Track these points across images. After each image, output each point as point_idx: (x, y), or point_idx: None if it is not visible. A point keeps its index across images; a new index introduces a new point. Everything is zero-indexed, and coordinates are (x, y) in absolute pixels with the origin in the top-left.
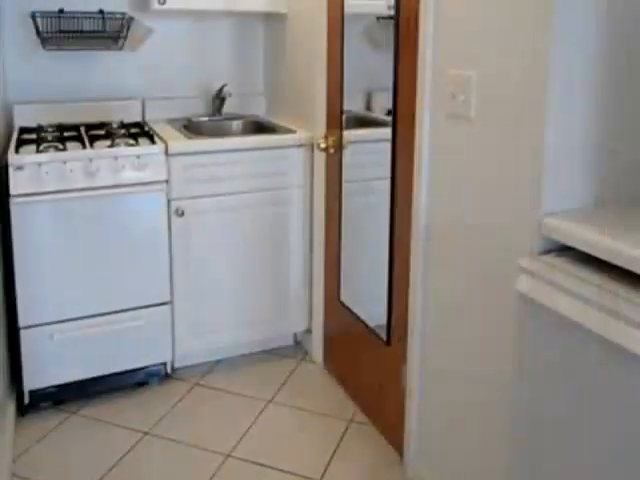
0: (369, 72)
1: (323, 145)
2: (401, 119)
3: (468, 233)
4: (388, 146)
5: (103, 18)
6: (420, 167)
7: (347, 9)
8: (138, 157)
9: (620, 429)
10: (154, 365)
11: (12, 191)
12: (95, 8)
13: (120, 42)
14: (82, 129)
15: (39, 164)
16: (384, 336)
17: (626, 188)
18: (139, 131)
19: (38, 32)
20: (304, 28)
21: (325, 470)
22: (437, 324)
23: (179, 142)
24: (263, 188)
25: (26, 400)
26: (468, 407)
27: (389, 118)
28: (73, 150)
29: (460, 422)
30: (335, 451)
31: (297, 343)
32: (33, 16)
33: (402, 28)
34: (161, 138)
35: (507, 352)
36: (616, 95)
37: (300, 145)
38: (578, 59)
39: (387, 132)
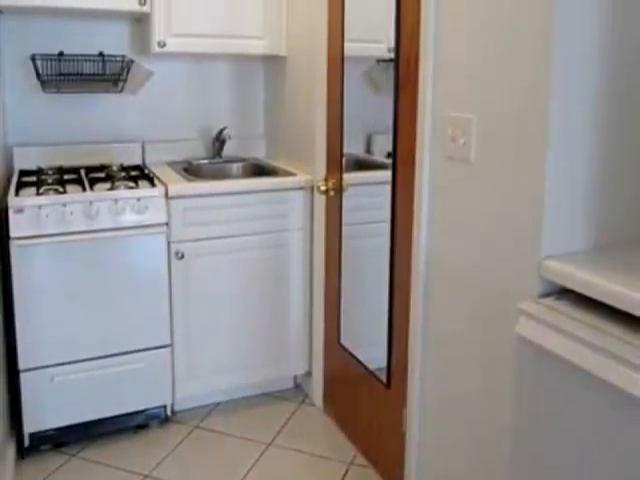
0: (369, 114)
1: (323, 188)
2: (401, 162)
3: (468, 275)
4: (388, 189)
5: (103, 61)
6: (420, 209)
7: (347, 52)
8: (138, 200)
9: (621, 471)
10: (154, 408)
11: (12, 234)
12: (95, 51)
13: (120, 85)
14: (82, 172)
15: (39, 207)
16: (384, 379)
17: (626, 230)
18: (139, 174)
19: (38, 75)
20: (304, 70)
21: None
22: (437, 366)
23: (179, 185)
24: (263, 231)
25: (26, 443)
26: (468, 450)
27: (389, 161)
28: (73, 193)
29: (460, 465)
30: None
31: (297, 386)
32: (33, 59)
33: (402, 71)
34: (161, 181)
35: (507, 394)
36: (617, 137)
37: (300, 188)
38: (579, 102)
39: (387, 175)
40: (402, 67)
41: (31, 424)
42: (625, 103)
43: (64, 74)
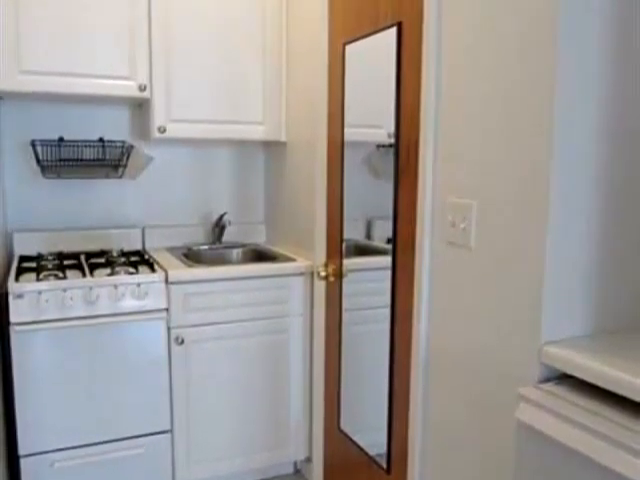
0: (369, 200)
1: (323, 273)
2: (401, 247)
3: (468, 360)
4: (388, 274)
5: (103, 146)
6: (420, 295)
7: (347, 137)
8: (138, 285)
9: None
10: None
11: (12, 319)
12: (95, 136)
13: (120, 170)
14: (82, 257)
15: (39, 292)
16: (384, 464)
17: (627, 315)
18: (139, 259)
19: (38, 160)
20: (304, 156)
21: None
22: (437, 451)
23: (179, 270)
24: (263, 316)
25: None
26: None
27: (389, 246)
28: (73, 278)
29: None
30: None
31: (297, 471)
32: (33, 144)
33: (402, 156)
34: (161, 266)
35: None
36: (616, 221)
37: (300, 273)
38: (579, 187)
39: (387, 260)
40: (402, 152)
41: None
42: (625, 187)
43: (64, 160)
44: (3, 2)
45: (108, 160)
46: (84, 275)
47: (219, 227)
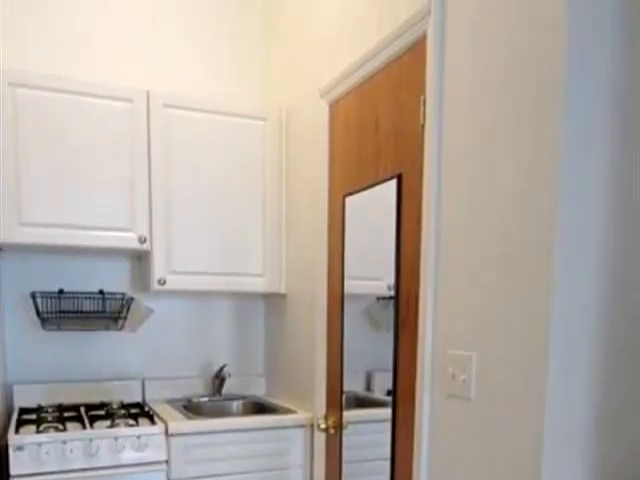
0: (369, 352)
1: (323, 425)
2: (401, 400)
3: None
4: (388, 426)
5: (103, 299)
6: (420, 447)
7: (347, 289)
8: (138, 437)
9: None
10: None
11: (12, 472)
12: (95, 288)
13: (120, 322)
14: (82, 409)
15: (39, 444)
16: None
17: (626, 470)
18: (139, 411)
19: (38, 312)
20: (303, 308)
21: None
22: None
23: (179, 422)
24: (264, 468)
25: None
26: None
27: (389, 398)
28: (73, 430)
29: None
30: None
31: None
32: (33, 296)
33: (402, 308)
34: (161, 418)
35: None
36: (615, 375)
37: (300, 425)
38: (578, 338)
39: (387, 412)
40: (402, 305)
41: None
42: (625, 339)
43: (64, 312)
44: (3, 154)
45: (108, 312)
46: (84, 427)
47: (219, 379)
